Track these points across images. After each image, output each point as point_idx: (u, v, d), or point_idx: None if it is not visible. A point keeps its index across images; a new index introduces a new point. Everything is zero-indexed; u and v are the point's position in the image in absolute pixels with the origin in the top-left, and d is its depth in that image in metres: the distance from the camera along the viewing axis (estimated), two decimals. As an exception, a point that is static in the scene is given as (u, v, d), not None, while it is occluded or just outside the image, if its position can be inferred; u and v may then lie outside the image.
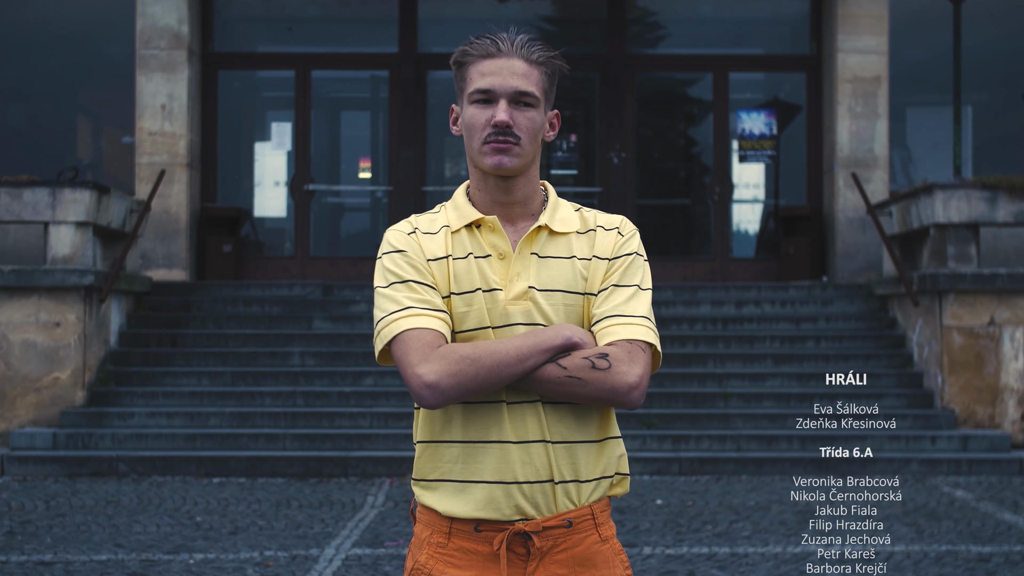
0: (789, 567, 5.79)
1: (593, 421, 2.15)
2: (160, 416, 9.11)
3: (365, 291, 10.91)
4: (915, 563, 5.88)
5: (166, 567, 5.81)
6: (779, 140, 13.03)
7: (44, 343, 9.15)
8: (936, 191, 9.49)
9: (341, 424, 9.11)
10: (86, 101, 14.91)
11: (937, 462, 8.62)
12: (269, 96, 14.63)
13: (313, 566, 5.82)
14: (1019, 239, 9.40)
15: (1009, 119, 14.73)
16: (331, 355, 9.97)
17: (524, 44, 2.14)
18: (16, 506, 7.39)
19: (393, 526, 6.81)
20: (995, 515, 7.13)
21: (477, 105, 2.14)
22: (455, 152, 14.01)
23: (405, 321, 2.09)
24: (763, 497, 7.68)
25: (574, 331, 2.09)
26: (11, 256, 9.20)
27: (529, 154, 2.16)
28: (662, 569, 5.77)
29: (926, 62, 13.90)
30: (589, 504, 2.15)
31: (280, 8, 13.81)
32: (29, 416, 9.09)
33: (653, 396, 9.27)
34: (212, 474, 8.48)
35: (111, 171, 14.02)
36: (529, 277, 2.14)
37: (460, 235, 2.18)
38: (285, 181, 13.27)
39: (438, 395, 2.03)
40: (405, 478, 8.23)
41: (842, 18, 12.10)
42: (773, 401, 9.41)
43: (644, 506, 7.37)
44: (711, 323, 10.67)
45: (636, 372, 2.07)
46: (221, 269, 12.10)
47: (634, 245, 2.21)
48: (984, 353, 9.23)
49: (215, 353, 9.96)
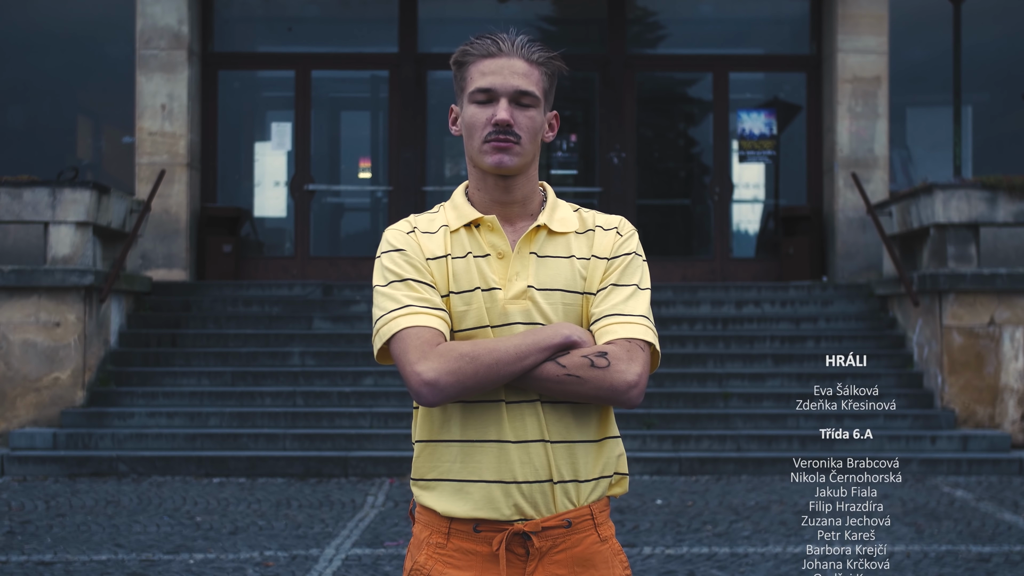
0: (789, 567, 5.79)
1: (592, 421, 2.15)
2: (160, 416, 9.11)
3: (365, 291, 10.91)
4: (915, 563, 5.88)
5: (166, 567, 5.80)
6: (779, 140, 13.03)
7: (44, 343, 9.15)
8: (936, 191, 9.49)
9: (341, 424, 9.11)
10: (86, 101, 14.91)
11: (937, 462, 8.62)
12: (269, 96, 14.63)
13: (313, 566, 5.82)
14: (1019, 239, 9.40)
15: (1009, 119, 14.72)
16: (331, 355, 9.97)
17: (524, 44, 2.15)
18: (16, 506, 7.39)
19: (393, 526, 6.81)
20: (995, 515, 7.13)
21: (477, 104, 2.15)
22: (455, 152, 14.01)
23: (404, 319, 2.09)
24: (763, 497, 7.68)
25: (573, 330, 2.09)
26: (11, 256, 9.20)
27: (529, 153, 2.17)
28: (662, 569, 5.77)
29: (926, 62, 13.89)
30: (588, 504, 2.15)
31: (280, 8, 13.81)
32: (29, 416, 9.09)
33: (653, 396, 9.27)
34: (212, 474, 8.48)
35: (111, 171, 14.02)
36: (528, 276, 2.14)
37: (459, 234, 2.19)
38: (285, 181, 13.27)
39: (437, 393, 2.03)
40: (405, 478, 8.23)
41: (842, 18, 12.10)
42: (773, 401, 9.41)
43: (644, 506, 7.37)
44: (711, 323, 10.67)
45: (635, 371, 2.07)
46: (221, 269, 12.10)
47: (632, 245, 2.22)
48: (984, 353, 9.23)
49: (215, 353, 9.96)
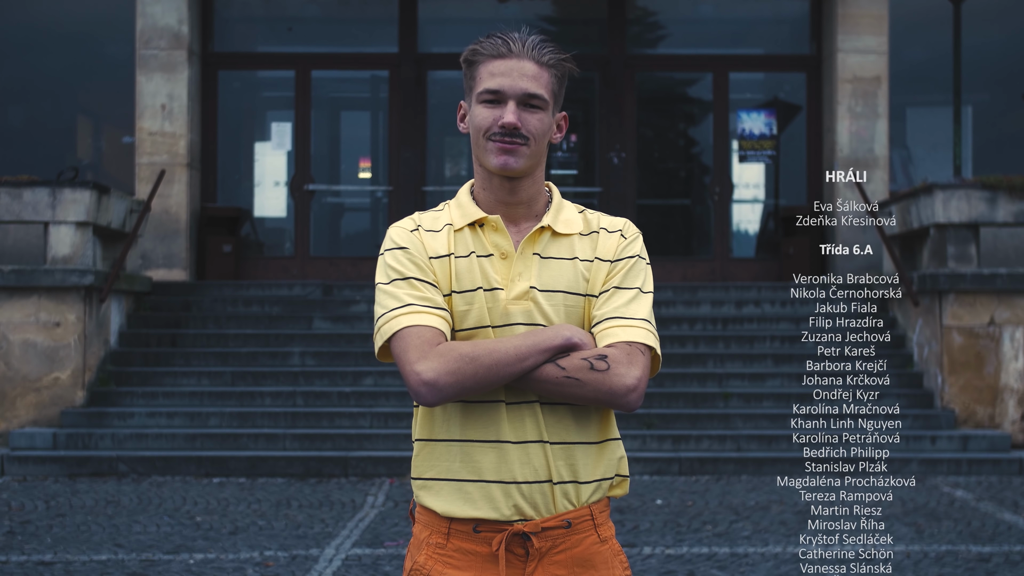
0: (789, 567, 5.79)
1: (592, 423, 2.15)
2: (160, 416, 9.11)
3: (365, 291, 10.91)
4: (915, 563, 5.88)
5: (166, 567, 5.81)
6: (779, 140, 13.03)
7: (44, 343, 9.15)
8: (936, 191, 9.49)
9: (341, 424, 9.11)
10: (86, 101, 14.91)
11: (937, 462, 8.62)
12: (269, 96, 14.62)
13: (313, 566, 5.82)
14: (1019, 239, 9.40)
15: (1009, 119, 14.73)
16: (331, 355, 9.97)
17: (535, 46, 2.14)
18: (16, 506, 7.40)
19: (393, 526, 6.81)
20: (995, 515, 7.13)
21: (485, 105, 2.14)
22: (455, 152, 14.02)
23: (405, 318, 2.09)
24: (763, 497, 7.68)
25: (574, 332, 2.09)
26: (11, 256, 9.20)
27: (535, 155, 2.16)
28: (662, 569, 5.77)
29: (926, 62, 13.89)
30: (588, 505, 2.14)
31: (280, 8, 13.81)
32: (29, 416, 9.09)
33: (653, 396, 9.28)
34: (212, 474, 8.48)
35: (111, 171, 14.02)
36: (531, 277, 2.14)
37: (463, 233, 2.18)
38: (285, 181, 13.27)
39: (436, 393, 2.03)
40: (405, 478, 8.23)
41: (842, 18, 12.10)
42: (773, 401, 9.42)
43: (644, 506, 7.37)
44: (711, 323, 10.67)
45: (634, 374, 2.07)
46: (221, 269, 12.10)
47: (636, 248, 2.21)
48: (984, 353, 9.23)
49: (215, 353, 9.96)
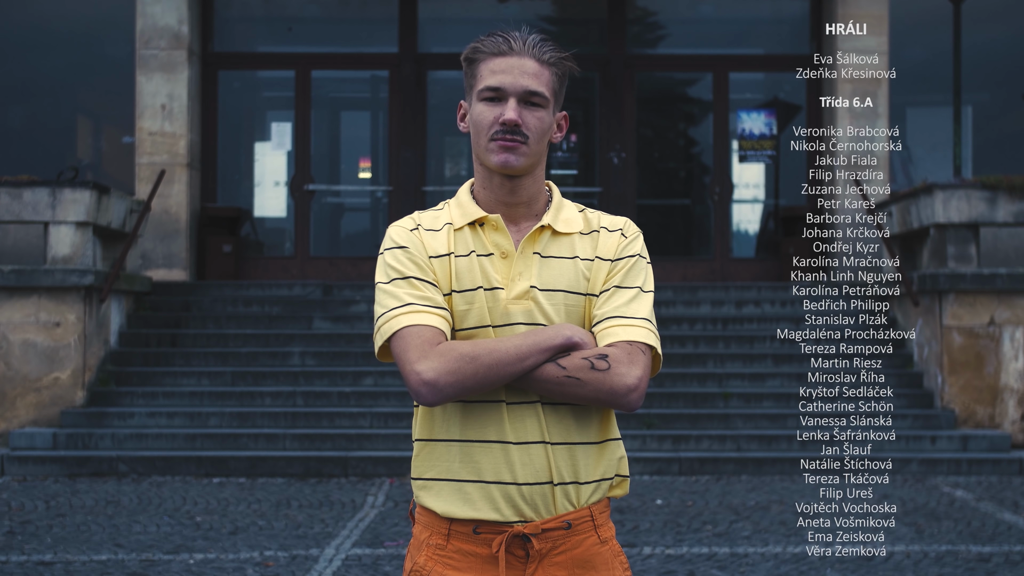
0: (789, 567, 5.79)
1: (593, 423, 2.15)
2: (160, 416, 9.11)
3: (365, 291, 10.91)
4: (915, 563, 5.88)
5: (166, 567, 5.80)
6: (779, 140, 13.03)
7: (44, 343, 9.15)
8: (936, 191, 9.49)
9: (341, 424, 9.11)
10: (86, 101, 14.91)
11: (937, 462, 8.62)
12: (269, 96, 14.62)
13: (313, 566, 5.82)
14: (1019, 239, 9.40)
15: (1009, 119, 14.73)
16: (331, 355, 9.97)
17: (536, 44, 2.14)
18: (16, 506, 7.39)
19: (393, 526, 6.81)
20: (995, 515, 7.13)
21: (486, 103, 2.14)
22: (455, 152, 14.02)
23: (405, 318, 2.08)
24: (763, 497, 7.68)
25: (574, 331, 2.08)
26: (11, 256, 9.20)
27: (536, 154, 2.16)
28: (662, 569, 5.77)
29: (926, 62, 13.89)
30: (588, 506, 2.14)
31: (280, 8, 13.81)
32: (29, 416, 9.09)
33: (653, 396, 9.27)
34: (212, 474, 8.48)
35: (111, 171, 14.03)
36: (531, 276, 2.14)
37: (463, 233, 2.18)
38: (285, 181, 13.27)
39: (436, 392, 2.03)
40: (405, 478, 8.23)
41: (842, 18, 12.09)
42: (773, 401, 9.41)
43: (644, 506, 7.37)
44: (711, 323, 10.67)
45: (635, 374, 2.07)
46: (221, 269, 12.10)
47: (637, 247, 2.21)
48: (984, 353, 9.23)
49: (215, 353, 9.96)
